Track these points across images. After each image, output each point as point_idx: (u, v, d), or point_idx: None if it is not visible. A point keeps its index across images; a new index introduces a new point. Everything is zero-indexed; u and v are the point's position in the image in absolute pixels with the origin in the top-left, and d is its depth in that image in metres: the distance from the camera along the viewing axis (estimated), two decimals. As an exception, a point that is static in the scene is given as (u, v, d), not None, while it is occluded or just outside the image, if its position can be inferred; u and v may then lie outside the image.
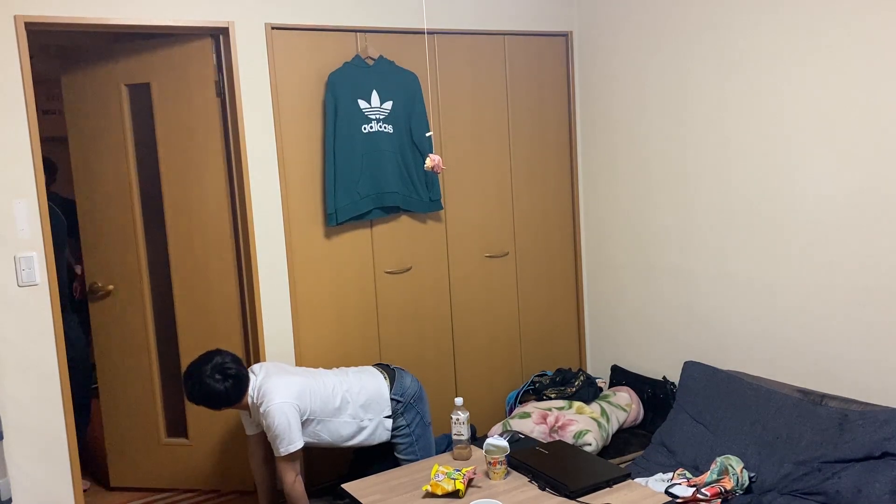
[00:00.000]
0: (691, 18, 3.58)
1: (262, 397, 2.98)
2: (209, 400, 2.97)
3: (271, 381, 3.02)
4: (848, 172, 3.03)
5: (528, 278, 4.20)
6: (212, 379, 2.93)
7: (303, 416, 3.03)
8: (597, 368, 4.37)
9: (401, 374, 3.34)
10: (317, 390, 3.09)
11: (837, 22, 3.01)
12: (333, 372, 3.28)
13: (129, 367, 3.78)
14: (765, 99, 3.30)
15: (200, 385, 2.94)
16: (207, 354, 3.02)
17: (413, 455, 3.25)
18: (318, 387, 3.11)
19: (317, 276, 3.60)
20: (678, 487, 2.89)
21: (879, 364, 3.00)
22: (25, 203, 2.95)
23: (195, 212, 3.59)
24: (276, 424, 2.94)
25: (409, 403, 3.28)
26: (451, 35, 3.83)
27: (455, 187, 3.91)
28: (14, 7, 2.89)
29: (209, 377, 2.93)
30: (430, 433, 3.37)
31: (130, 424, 3.84)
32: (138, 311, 3.73)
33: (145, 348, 3.75)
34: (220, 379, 2.94)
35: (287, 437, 2.95)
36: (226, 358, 2.99)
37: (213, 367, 2.95)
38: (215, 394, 2.94)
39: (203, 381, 2.93)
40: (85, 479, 3.78)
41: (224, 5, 3.30)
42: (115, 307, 3.77)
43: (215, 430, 3.72)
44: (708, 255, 3.65)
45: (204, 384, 2.93)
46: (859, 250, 3.03)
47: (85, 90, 3.67)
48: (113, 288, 3.75)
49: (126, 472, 3.90)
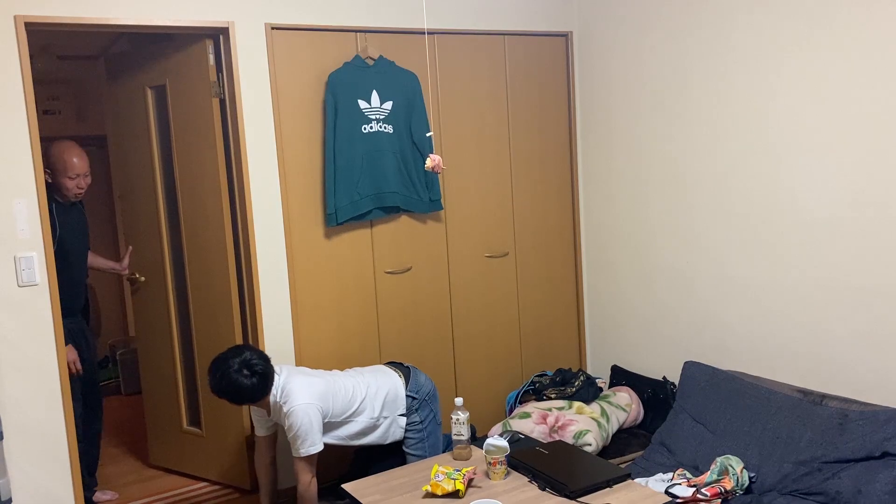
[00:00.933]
0: (691, 19, 3.58)
1: (286, 397, 2.97)
2: (233, 394, 2.96)
3: (295, 381, 3.01)
4: (847, 173, 3.03)
5: (528, 278, 4.20)
6: (239, 374, 2.91)
7: (324, 419, 3.03)
8: (597, 368, 4.37)
9: (415, 371, 3.37)
10: (338, 392, 3.10)
11: (837, 23, 3.00)
12: (348, 373, 3.29)
13: (162, 354, 3.93)
14: (764, 100, 3.30)
15: (226, 378, 2.92)
16: (236, 349, 3.02)
17: (422, 451, 3.27)
18: (339, 389, 3.11)
19: (317, 276, 3.60)
20: (678, 487, 2.89)
21: (879, 364, 3.00)
22: (25, 203, 2.95)
23: (199, 210, 3.62)
24: (298, 425, 2.93)
25: (423, 400, 3.30)
26: (451, 35, 3.83)
27: (455, 187, 3.91)
28: (14, 7, 2.89)
29: (236, 371, 2.91)
30: (439, 432, 3.39)
31: (163, 408, 4.00)
32: (163, 302, 3.88)
33: (169, 337, 3.88)
34: (248, 375, 2.92)
35: (309, 439, 2.95)
36: (254, 354, 2.98)
37: (241, 361, 2.92)
38: (240, 389, 2.93)
39: (229, 374, 2.91)
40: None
41: (224, 5, 3.30)
42: (146, 297, 3.97)
43: (225, 424, 3.72)
44: (708, 256, 3.65)
45: (230, 378, 2.91)
46: (859, 250, 3.03)
47: (118, 94, 3.88)
48: (144, 280, 3.93)
49: (160, 453, 4.10)
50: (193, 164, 3.60)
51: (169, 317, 3.86)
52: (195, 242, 3.69)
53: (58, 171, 3.33)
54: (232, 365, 2.91)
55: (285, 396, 2.98)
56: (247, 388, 2.92)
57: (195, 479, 3.91)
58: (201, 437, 3.85)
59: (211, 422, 3.79)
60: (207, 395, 3.73)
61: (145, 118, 3.76)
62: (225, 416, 3.69)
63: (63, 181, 3.34)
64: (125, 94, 3.85)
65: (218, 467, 3.82)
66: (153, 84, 3.72)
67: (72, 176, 3.35)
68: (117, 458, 4.30)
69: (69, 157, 3.34)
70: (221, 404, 3.31)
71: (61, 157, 3.32)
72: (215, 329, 3.64)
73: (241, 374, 2.91)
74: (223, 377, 2.92)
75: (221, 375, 2.93)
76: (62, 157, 3.32)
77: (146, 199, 3.85)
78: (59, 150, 3.32)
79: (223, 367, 2.93)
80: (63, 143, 3.38)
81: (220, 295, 3.59)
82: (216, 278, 3.60)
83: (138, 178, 3.87)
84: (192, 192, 3.66)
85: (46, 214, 3.00)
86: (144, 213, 3.88)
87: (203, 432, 3.84)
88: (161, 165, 3.78)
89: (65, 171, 3.34)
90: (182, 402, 3.91)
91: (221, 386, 2.94)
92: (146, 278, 3.92)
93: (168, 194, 3.80)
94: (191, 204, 3.68)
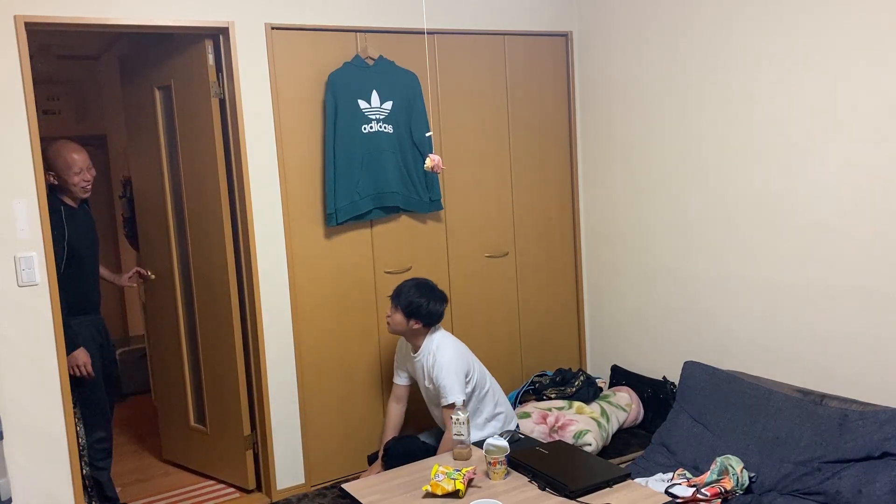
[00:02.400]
0: (691, 18, 3.58)
1: (437, 348, 3.22)
2: (419, 300, 3.20)
3: (448, 338, 3.30)
4: (847, 173, 3.03)
5: (528, 278, 4.20)
6: (436, 295, 3.25)
7: (466, 377, 3.23)
8: (597, 368, 4.37)
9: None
10: (475, 363, 3.33)
11: (838, 21, 3.01)
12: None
13: (171, 352, 3.97)
14: (764, 99, 3.30)
15: (429, 290, 3.25)
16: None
17: None
18: (476, 362, 3.34)
19: (317, 276, 3.60)
20: (678, 487, 2.89)
21: (879, 364, 3.00)
22: (25, 203, 2.95)
23: (200, 210, 3.63)
24: (446, 374, 3.14)
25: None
26: (451, 35, 3.83)
27: (455, 187, 3.91)
28: (14, 7, 2.89)
29: (438, 291, 3.28)
30: None
31: (173, 405, 4.05)
32: (171, 301, 3.90)
33: (177, 336, 3.91)
34: (441, 299, 3.26)
35: (457, 387, 3.13)
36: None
37: (440, 292, 3.30)
38: (427, 304, 3.21)
39: (433, 289, 3.26)
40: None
41: (224, 5, 3.30)
42: (156, 295, 4.03)
43: (226, 423, 3.73)
44: (708, 255, 3.65)
45: (431, 291, 3.24)
46: (858, 251, 3.03)
47: (132, 96, 3.92)
48: (154, 277, 3.97)
49: (170, 448, 4.16)
50: (195, 165, 3.61)
51: (177, 315, 3.88)
52: (198, 242, 3.70)
53: (61, 169, 3.30)
54: (435, 287, 3.31)
55: (437, 347, 3.23)
56: (433, 308, 3.23)
57: (203, 477, 3.92)
58: (206, 434, 3.87)
59: (215, 420, 3.80)
60: (211, 394, 3.76)
61: (153, 119, 3.79)
62: (225, 415, 3.70)
63: (69, 179, 3.30)
64: (136, 95, 3.90)
65: (221, 465, 3.83)
66: (160, 84, 3.74)
67: (76, 171, 3.31)
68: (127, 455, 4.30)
69: (68, 153, 3.32)
70: (224, 402, 3.29)
71: (61, 155, 3.30)
72: (216, 329, 3.64)
73: (437, 296, 3.26)
74: (424, 286, 3.27)
75: (423, 285, 3.28)
76: (62, 156, 3.31)
77: (155, 199, 3.88)
78: (56, 150, 3.31)
79: (429, 284, 3.30)
80: (59, 143, 3.36)
81: (221, 295, 3.59)
82: (216, 278, 3.60)
83: (149, 177, 3.92)
84: (195, 192, 3.66)
85: (46, 214, 3.00)
86: (153, 213, 3.91)
87: (207, 430, 3.85)
88: (168, 166, 3.81)
89: (69, 169, 3.30)
90: (189, 400, 3.93)
91: (418, 288, 3.25)
92: (156, 275, 3.95)
93: (175, 194, 3.82)
94: (193, 204, 3.69)
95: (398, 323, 3.25)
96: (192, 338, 3.89)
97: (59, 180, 3.30)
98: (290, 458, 3.61)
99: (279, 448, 3.58)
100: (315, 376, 3.63)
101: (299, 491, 3.60)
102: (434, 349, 3.23)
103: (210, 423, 3.84)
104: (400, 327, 3.27)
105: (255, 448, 3.66)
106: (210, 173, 3.52)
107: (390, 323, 3.29)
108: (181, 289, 3.87)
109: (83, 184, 3.36)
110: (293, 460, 3.61)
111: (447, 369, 3.15)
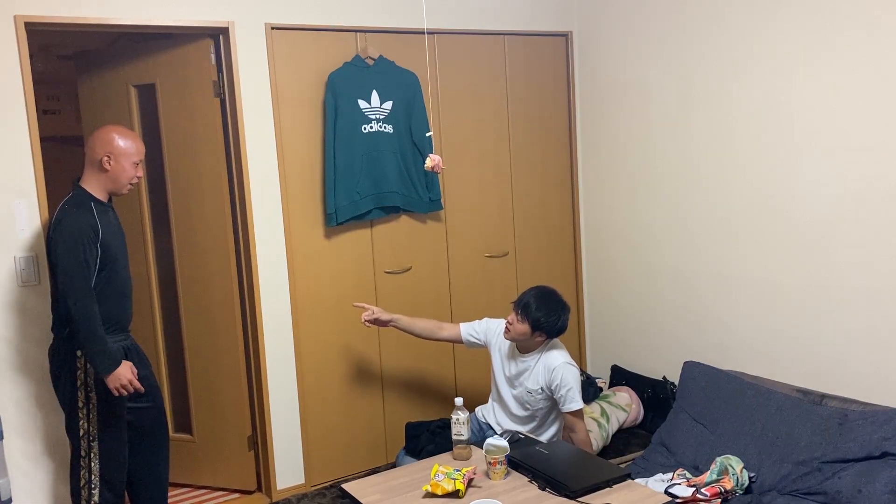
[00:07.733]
0: (692, 18, 3.58)
1: (551, 354, 3.21)
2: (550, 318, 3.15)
3: (563, 347, 3.29)
4: (847, 173, 3.03)
5: (528, 278, 4.19)
6: (565, 310, 3.21)
7: None
8: (597, 368, 4.37)
9: None
10: None
11: (838, 21, 3.01)
12: None
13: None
14: (765, 99, 3.30)
15: (559, 306, 3.20)
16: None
17: None
18: None
19: (317, 276, 3.60)
20: (678, 487, 2.89)
21: (879, 364, 3.00)
22: (25, 203, 2.95)
23: (196, 212, 3.59)
24: (571, 381, 3.15)
25: None
26: (451, 35, 3.83)
27: (455, 187, 3.91)
28: (14, 7, 2.89)
29: (566, 304, 3.23)
30: None
31: None
32: (146, 305, 3.73)
33: (153, 343, 3.75)
34: (568, 312, 3.23)
35: (580, 394, 3.18)
36: None
37: (567, 305, 3.26)
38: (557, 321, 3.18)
39: (562, 304, 3.22)
40: None
41: (224, 5, 3.30)
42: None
43: (222, 427, 3.71)
44: (708, 255, 3.65)
45: (561, 306, 3.20)
46: (859, 250, 3.03)
47: (97, 92, 3.70)
48: None
49: None
50: (191, 165, 3.57)
51: (153, 320, 3.74)
52: (193, 243, 3.63)
53: (121, 154, 2.84)
54: (562, 299, 3.25)
55: (551, 353, 3.21)
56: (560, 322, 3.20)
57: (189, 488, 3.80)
58: (192, 442, 3.77)
59: (203, 426, 3.73)
60: (199, 399, 3.71)
61: (127, 118, 3.58)
62: (217, 419, 3.67)
63: (125, 167, 2.85)
64: (104, 91, 3.64)
65: (212, 472, 3.76)
66: (137, 83, 3.57)
67: (136, 161, 2.89)
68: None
69: (134, 139, 2.91)
70: (216, 406, 3.25)
71: (129, 139, 2.89)
72: (215, 329, 3.63)
73: (563, 308, 3.22)
74: (554, 298, 3.22)
75: (554, 298, 3.22)
76: (131, 140, 2.89)
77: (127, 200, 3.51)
78: (124, 131, 2.91)
79: (556, 295, 3.24)
80: (120, 127, 2.95)
81: (221, 295, 3.58)
82: (216, 278, 3.59)
83: None
84: (189, 192, 3.59)
85: (46, 214, 3.00)
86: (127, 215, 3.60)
87: (194, 437, 3.77)
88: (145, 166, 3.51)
89: (129, 156, 2.86)
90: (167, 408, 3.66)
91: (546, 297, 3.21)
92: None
93: (154, 196, 3.67)
94: (188, 205, 3.61)
95: (521, 333, 3.18)
96: (172, 346, 3.75)
97: (113, 166, 2.84)
98: (290, 458, 3.61)
99: (279, 448, 3.58)
100: (315, 376, 3.63)
101: (299, 491, 3.60)
102: (552, 359, 3.20)
103: (197, 430, 3.75)
104: (522, 337, 3.20)
105: (255, 448, 3.66)
106: (210, 173, 3.51)
107: (511, 331, 3.21)
108: (158, 291, 3.73)
109: (135, 179, 2.93)
110: (293, 460, 3.61)
111: (575, 377, 3.17)
